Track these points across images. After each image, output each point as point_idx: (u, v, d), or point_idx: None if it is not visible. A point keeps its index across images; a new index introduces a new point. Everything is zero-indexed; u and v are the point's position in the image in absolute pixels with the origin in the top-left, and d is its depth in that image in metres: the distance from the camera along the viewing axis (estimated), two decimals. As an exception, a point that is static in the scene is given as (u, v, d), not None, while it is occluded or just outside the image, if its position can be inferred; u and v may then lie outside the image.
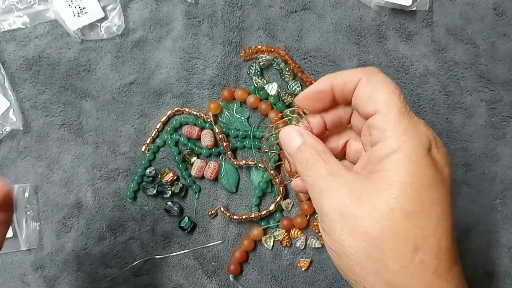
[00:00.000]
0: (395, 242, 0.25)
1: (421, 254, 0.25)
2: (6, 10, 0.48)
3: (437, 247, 0.26)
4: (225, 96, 0.47)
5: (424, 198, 0.26)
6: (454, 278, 0.26)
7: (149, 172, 0.48)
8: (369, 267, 0.26)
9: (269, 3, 0.48)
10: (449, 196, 0.26)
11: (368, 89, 0.28)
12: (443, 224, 0.26)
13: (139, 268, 0.48)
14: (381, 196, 0.26)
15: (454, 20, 0.48)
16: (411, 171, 0.26)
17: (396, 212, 0.25)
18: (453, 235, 0.26)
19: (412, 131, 0.26)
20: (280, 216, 0.47)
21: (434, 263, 0.26)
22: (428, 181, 0.26)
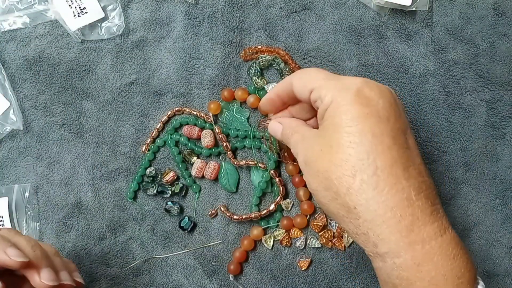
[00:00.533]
0: (338, 171, 0.32)
1: (359, 175, 0.31)
2: (6, 10, 0.48)
3: (374, 166, 0.31)
4: (225, 96, 0.47)
5: (353, 130, 0.31)
6: (400, 192, 0.31)
7: (149, 172, 0.48)
8: (328, 196, 0.33)
9: (269, 3, 0.48)
10: (382, 122, 0.32)
11: (300, 82, 0.36)
12: (377, 147, 0.31)
13: (139, 268, 0.48)
14: (324, 139, 0.33)
15: (453, 20, 0.48)
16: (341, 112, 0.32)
17: (333, 147, 0.32)
18: (392, 154, 0.31)
19: (339, 85, 0.33)
20: (280, 216, 0.47)
21: (373, 179, 0.31)
22: (356, 116, 0.32)
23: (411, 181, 0.31)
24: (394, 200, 0.31)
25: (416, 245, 0.30)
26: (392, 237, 0.31)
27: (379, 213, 0.31)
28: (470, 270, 0.31)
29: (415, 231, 0.31)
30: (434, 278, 0.30)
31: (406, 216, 0.31)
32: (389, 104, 0.33)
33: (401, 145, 0.32)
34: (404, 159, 0.32)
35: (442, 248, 0.31)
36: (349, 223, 0.33)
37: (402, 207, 0.31)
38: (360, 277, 0.47)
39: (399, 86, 0.48)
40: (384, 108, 0.32)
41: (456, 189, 0.48)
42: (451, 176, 0.48)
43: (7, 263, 0.33)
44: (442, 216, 0.32)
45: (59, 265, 0.37)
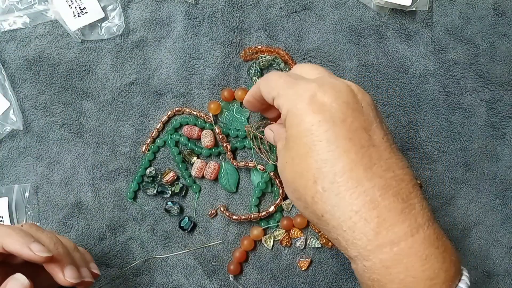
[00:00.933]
0: (301, 181, 0.32)
1: (320, 183, 0.31)
2: (6, 10, 0.48)
3: (332, 173, 0.31)
4: (225, 96, 0.47)
5: (309, 139, 0.31)
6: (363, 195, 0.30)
7: (149, 172, 0.48)
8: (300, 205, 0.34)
9: (269, 4, 0.48)
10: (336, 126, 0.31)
11: (264, 88, 0.37)
12: (332, 153, 0.31)
13: (139, 268, 0.48)
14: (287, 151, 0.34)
15: (453, 20, 0.48)
16: (295, 124, 0.32)
17: (295, 159, 0.33)
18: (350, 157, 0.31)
19: (294, 94, 0.33)
20: (280, 216, 0.47)
21: (334, 187, 0.31)
22: (310, 125, 0.32)
23: (375, 180, 0.30)
24: (357, 204, 0.30)
25: (384, 248, 0.30)
26: (359, 242, 0.30)
27: (343, 219, 0.30)
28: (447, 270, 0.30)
29: (382, 233, 0.30)
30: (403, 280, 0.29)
31: (372, 219, 0.30)
32: (345, 104, 0.32)
33: (361, 145, 0.31)
34: (366, 159, 0.31)
35: (413, 249, 0.29)
36: (322, 228, 0.33)
37: (366, 210, 0.30)
38: (360, 277, 0.47)
39: (399, 86, 0.48)
40: (338, 110, 0.31)
41: (456, 189, 0.48)
42: (451, 176, 0.48)
43: (32, 258, 0.34)
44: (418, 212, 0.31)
45: (79, 261, 0.38)
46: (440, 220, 0.48)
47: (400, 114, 0.48)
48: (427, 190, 0.48)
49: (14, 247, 0.34)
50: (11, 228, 0.35)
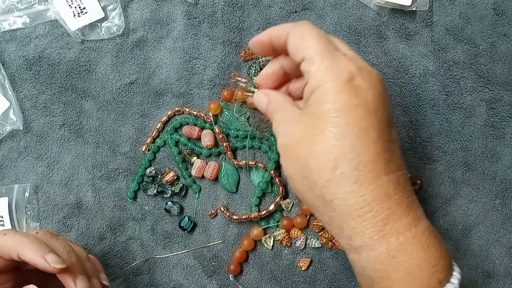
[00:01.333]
0: (318, 162, 0.31)
1: (340, 168, 0.30)
2: (6, 10, 0.48)
3: (356, 161, 0.30)
4: (225, 96, 0.47)
5: (339, 121, 0.30)
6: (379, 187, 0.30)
7: (149, 172, 0.48)
8: (304, 185, 0.32)
9: (269, 3, 0.48)
10: (370, 115, 0.31)
11: (295, 41, 0.33)
12: (362, 141, 0.30)
13: (139, 268, 0.48)
14: (307, 126, 0.32)
15: (453, 20, 0.48)
16: (327, 100, 0.31)
17: (316, 137, 0.31)
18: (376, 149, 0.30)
19: (332, 68, 0.31)
20: (280, 216, 0.47)
21: (354, 174, 0.30)
22: (343, 106, 0.30)
23: (391, 176, 0.31)
24: (372, 195, 0.30)
25: (390, 238, 0.30)
26: (367, 231, 0.30)
27: (355, 208, 0.30)
28: (445, 258, 0.31)
29: (390, 224, 0.30)
30: (408, 268, 0.30)
31: (383, 210, 0.30)
32: (379, 95, 0.31)
33: (385, 139, 0.31)
34: (387, 154, 0.31)
35: (416, 239, 0.31)
36: (323, 214, 0.32)
37: (380, 202, 0.30)
38: (360, 277, 0.47)
39: (399, 86, 0.48)
40: (373, 99, 0.31)
41: (456, 189, 0.48)
42: (451, 176, 0.48)
43: (46, 268, 0.34)
44: (417, 207, 0.32)
45: (90, 270, 0.39)
46: (440, 220, 0.48)
47: (400, 114, 0.48)
48: (427, 190, 0.48)
49: (29, 256, 0.34)
50: (27, 237, 0.35)
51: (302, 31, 0.33)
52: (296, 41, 0.33)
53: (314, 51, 0.32)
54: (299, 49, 0.33)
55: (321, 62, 0.31)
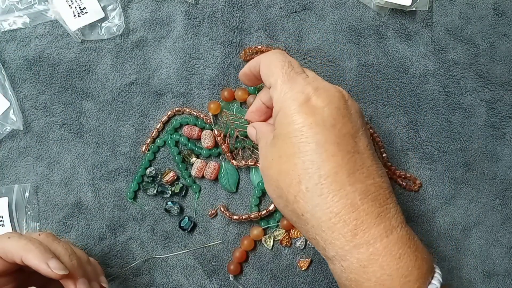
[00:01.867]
0: (285, 179, 0.33)
1: (305, 183, 0.32)
2: (6, 10, 0.48)
3: (318, 175, 0.32)
4: (225, 96, 0.47)
5: (298, 140, 0.32)
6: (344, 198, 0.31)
7: (149, 172, 0.48)
8: (281, 203, 0.35)
9: (269, 3, 0.48)
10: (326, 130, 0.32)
11: (264, 70, 0.36)
12: (320, 155, 0.32)
13: (139, 268, 0.48)
14: (274, 148, 0.34)
15: (453, 20, 0.48)
16: (288, 122, 0.33)
17: (282, 157, 0.33)
18: (336, 161, 0.32)
19: (290, 92, 0.33)
20: (280, 216, 0.47)
21: (318, 188, 0.32)
22: (301, 125, 0.32)
23: (357, 185, 0.32)
24: (338, 206, 0.31)
25: (360, 248, 0.31)
26: (337, 242, 0.32)
27: (323, 220, 0.32)
28: (420, 268, 0.32)
29: (360, 234, 0.31)
30: (379, 278, 0.31)
31: (351, 221, 0.31)
32: (336, 110, 0.33)
33: (347, 151, 0.32)
34: (350, 165, 0.32)
35: (387, 249, 0.31)
36: (300, 227, 0.34)
37: (346, 213, 0.31)
38: (360, 277, 0.47)
39: (399, 86, 0.48)
40: (330, 115, 0.33)
41: (456, 189, 0.48)
42: (451, 176, 0.48)
43: (48, 274, 0.35)
44: (393, 216, 0.33)
45: (91, 274, 0.39)
46: (440, 220, 0.48)
47: (400, 114, 0.48)
48: (427, 190, 0.48)
49: (33, 262, 0.35)
50: (31, 242, 0.36)
51: (269, 59, 0.36)
52: (264, 70, 0.36)
53: (276, 78, 0.35)
54: (266, 77, 0.36)
55: (281, 87, 0.34)
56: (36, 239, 0.37)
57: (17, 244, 0.35)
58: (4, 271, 0.36)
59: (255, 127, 0.41)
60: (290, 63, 0.35)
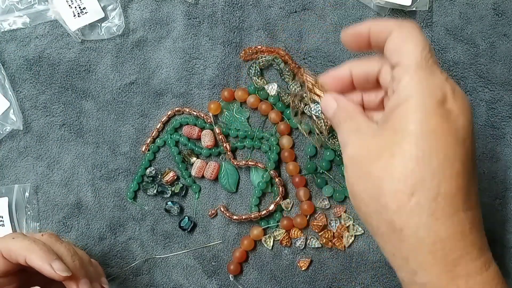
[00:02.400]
0: (393, 184, 0.28)
1: (417, 196, 0.27)
2: (6, 10, 0.48)
3: (435, 191, 0.27)
4: (225, 96, 0.47)
5: (425, 145, 0.27)
6: (456, 224, 0.28)
7: (149, 172, 0.48)
8: (372, 206, 0.29)
9: (269, 3, 0.48)
10: (458, 144, 0.28)
11: (396, 42, 0.29)
12: (444, 170, 0.27)
13: (139, 268, 0.48)
14: (385, 142, 0.29)
15: (453, 20, 0.48)
16: (415, 119, 0.27)
17: (395, 157, 0.28)
18: (458, 182, 0.28)
19: (425, 83, 0.28)
20: (280, 216, 0.47)
21: (431, 206, 0.27)
22: (432, 129, 0.27)
23: (468, 213, 0.28)
24: (448, 231, 0.28)
25: (459, 280, 0.28)
26: (435, 269, 0.28)
27: (427, 242, 0.28)
28: None
29: (462, 265, 0.28)
30: None
31: (457, 249, 0.28)
32: (469, 123, 0.29)
33: (469, 173, 0.28)
34: (468, 189, 0.28)
35: (486, 284, 0.28)
36: (388, 242, 0.30)
37: (454, 240, 0.28)
38: (360, 277, 0.47)
39: (399, 86, 0.48)
40: (463, 126, 0.28)
41: (456, 189, 0.48)
42: (451, 176, 0.48)
43: (52, 275, 0.35)
44: (488, 249, 0.30)
45: (92, 275, 0.39)
46: (440, 220, 0.48)
47: (400, 114, 0.48)
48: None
49: (36, 263, 0.35)
50: (35, 243, 0.36)
51: (407, 33, 0.29)
52: (397, 41, 0.29)
53: (412, 59, 0.28)
54: (397, 51, 0.29)
55: (416, 73, 0.28)
56: (40, 240, 0.37)
57: (21, 245, 0.35)
58: (7, 271, 0.37)
59: (339, 101, 0.34)
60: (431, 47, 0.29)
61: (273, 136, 0.47)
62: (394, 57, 0.29)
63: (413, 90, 0.28)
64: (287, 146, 0.47)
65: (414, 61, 0.28)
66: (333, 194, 0.47)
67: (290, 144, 0.47)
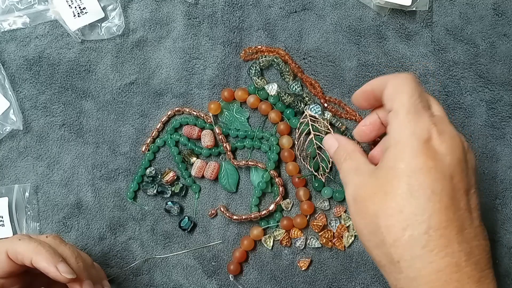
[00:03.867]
0: (388, 220, 0.30)
1: (410, 230, 0.30)
2: (6, 10, 0.48)
3: (426, 225, 0.29)
4: (225, 96, 0.47)
5: (413, 182, 0.30)
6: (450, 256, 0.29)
7: (149, 172, 0.48)
8: (372, 241, 0.32)
9: (269, 3, 0.48)
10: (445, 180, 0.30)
11: (390, 90, 0.33)
12: (433, 205, 0.30)
13: (139, 268, 0.48)
14: (379, 182, 0.32)
15: (453, 20, 0.48)
16: (403, 159, 0.31)
17: (388, 195, 0.31)
18: (448, 215, 0.30)
19: (413, 126, 0.31)
20: (280, 216, 0.47)
21: (424, 238, 0.29)
22: (419, 167, 0.30)
23: (464, 245, 0.30)
24: (442, 263, 0.29)
25: None
26: None
27: (423, 274, 0.30)
28: None
29: None
30: None
31: (452, 281, 0.29)
32: (457, 161, 0.31)
33: (459, 206, 0.30)
34: (460, 222, 0.30)
35: None
36: (390, 273, 0.32)
37: (449, 272, 0.29)
38: (360, 277, 0.47)
39: (399, 86, 0.48)
40: (450, 165, 0.31)
41: (456, 189, 0.48)
42: (451, 176, 0.48)
43: (57, 278, 0.35)
44: (490, 281, 0.31)
45: (95, 277, 0.40)
46: (440, 220, 0.48)
47: (400, 114, 0.48)
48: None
49: (42, 265, 0.35)
50: (41, 245, 0.36)
51: (399, 82, 0.33)
52: (390, 90, 0.33)
53: (401, 104, 0.32)
54: (390, 99, 0.33)
55: (405, 117, 0.32)
56: (45, 242, 0.37)
57: (28, 247, 0.36)
58: (13, 272, 0.37)
59: (339, 141, 0.37)
60: (420, 93, 0.33)
61: (273, 136, 0.47)
62: (388, 104, 0.33)
63: (401, 133, 0.31)
64: (287, 146, 0.47)
65: (403, 106, 0.32)
66: (333, 194, 0.47)
67: (290, 144, 0.47)
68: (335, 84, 0.48)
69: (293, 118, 0.47)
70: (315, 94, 0.47)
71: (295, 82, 0.47)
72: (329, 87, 0.48)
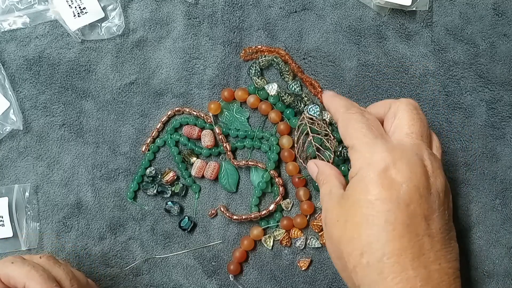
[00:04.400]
0: (348, 247, 0.32)
1: (366, 257, 0.31)
2: (6, 10, 0.48)
3: (381, 252, 0.31)
4: (225, 96, 0.47)
5: (368, 211, 0.32)
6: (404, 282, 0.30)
7: (149, 172, 0.48)
8: (338, 264, 0.35)
9: (269, 3, 0.48)
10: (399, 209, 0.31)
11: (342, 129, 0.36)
12: (387, 234, 0.31)
13: (139, 268, 0.48)
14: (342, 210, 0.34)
15: (453, 20, 0.48)
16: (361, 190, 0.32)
17: (347, 223, 0.33)
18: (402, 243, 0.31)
19: (369, 156, 0.33)
20: (280, 216, 0.47)
21: (379, 265, 0.31)
22: (374, 198, 0.31)
23: (420, 270, 0.31)
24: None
25: None
26: None
27: None
28: None
29: None
30: None
31: None
32: (415, 188, 0.32)
33: (416, 233, 0.31)
34: (416, 248, 0.31)
35: None
36: None
37: None
38: (360, 277, 0.47)
39: (399, 86, 0.48)
40: (406, 193, 0.31)
41: (456, 189, 0.48)
42: (451, 176, 0.48)
43: None
44: None
45: None
46: (440, 220, 0.48)
47: (400, 114, 0.48)
48: (427, 190, 0.48)
49: None
50: (34, 269, 0.36)
51: (347, 119, 0.35)
52: (342, 129, 0.36)
53: (354, 139, 0.34)
54: (344, 137, 0.35)
55: (360, 151, 0.33)
56: (39, 264, 0.37)
57: (20, 271, 0.35)
58: None
59: (319, 166, 0.40)
60: (369, 125, 0.34)
61: (273, 136, 0.47)
62: (345, 142, 0.36)
63: (358, 166, 0.33)
64: (287, 146, 0.47)
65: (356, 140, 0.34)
66: (333, 194, 0.47)
67: (290, 144, 0.47)
68: (335, 84, 0.48)
69: (293, 118, 0.47)
70: (315, 94, 0.47)
71: (294, 82, 0.47)
72: (329, 87, 0.48)
